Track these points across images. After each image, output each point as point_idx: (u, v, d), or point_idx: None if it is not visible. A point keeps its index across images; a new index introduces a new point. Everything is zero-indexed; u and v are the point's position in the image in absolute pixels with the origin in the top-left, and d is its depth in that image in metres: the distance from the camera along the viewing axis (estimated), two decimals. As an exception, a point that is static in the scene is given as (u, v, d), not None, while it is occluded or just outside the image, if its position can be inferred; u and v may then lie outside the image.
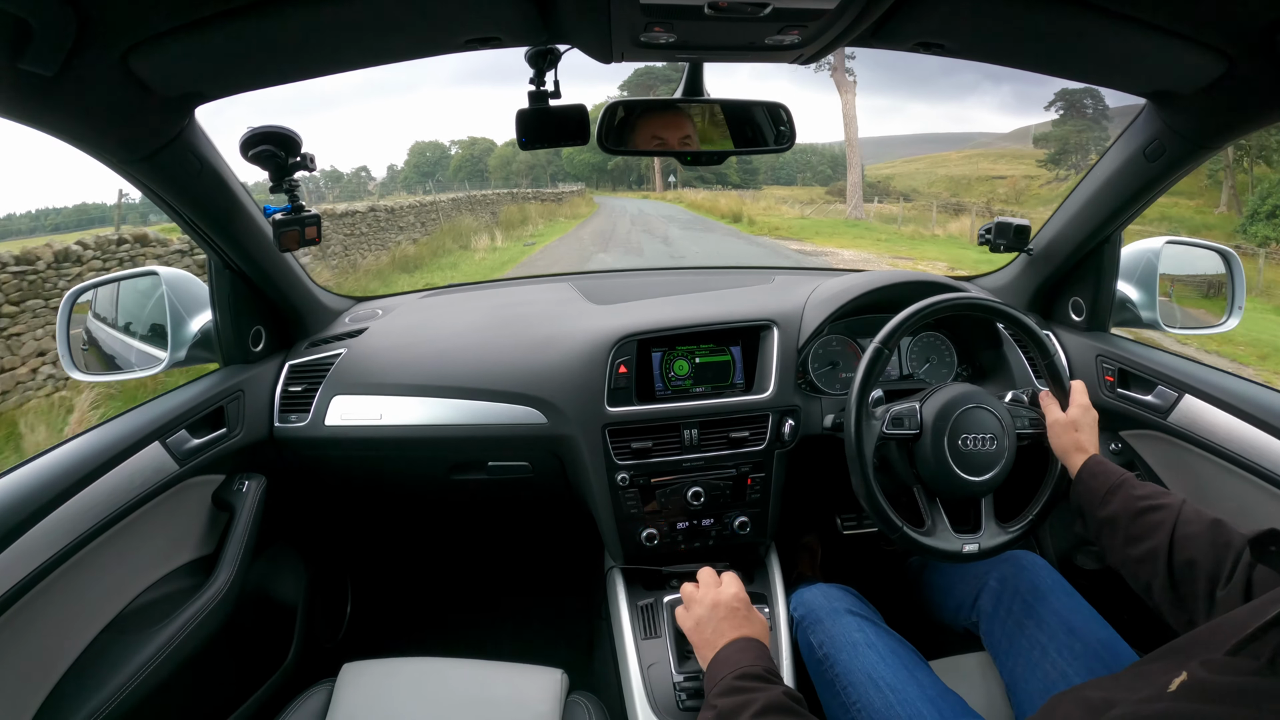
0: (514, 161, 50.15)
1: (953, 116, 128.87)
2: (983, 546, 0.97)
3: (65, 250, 4.96)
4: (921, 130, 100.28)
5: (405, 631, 1.70)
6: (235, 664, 1.19)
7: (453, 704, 0.94)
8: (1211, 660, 0.47)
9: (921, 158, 55.40)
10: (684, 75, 0.99)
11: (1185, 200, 20.09)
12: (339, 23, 0.73)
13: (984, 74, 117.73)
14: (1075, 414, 0.95)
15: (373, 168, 54.27)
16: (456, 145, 53.95)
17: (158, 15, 0.64)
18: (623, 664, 1.09)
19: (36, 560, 0.77)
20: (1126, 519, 0.80)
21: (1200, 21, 0.72)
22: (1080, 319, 1.29)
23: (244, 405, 1.17)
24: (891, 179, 43.61)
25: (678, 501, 1.16)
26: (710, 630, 0.83)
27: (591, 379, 1.16)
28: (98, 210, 18.33)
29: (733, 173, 42.80)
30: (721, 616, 0.84)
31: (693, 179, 39.37)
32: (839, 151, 46.07)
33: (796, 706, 0.67)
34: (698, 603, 0.88)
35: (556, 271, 1.84)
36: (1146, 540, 0.77)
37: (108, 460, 0.90)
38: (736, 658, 0.76)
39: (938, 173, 43.07)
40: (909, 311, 0.97)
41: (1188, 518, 0.76)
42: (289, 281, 1.25)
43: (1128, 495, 0.82)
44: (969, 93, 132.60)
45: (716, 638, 0.81)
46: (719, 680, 0.73)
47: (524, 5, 0.74)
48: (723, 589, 0.88)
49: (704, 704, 0.74)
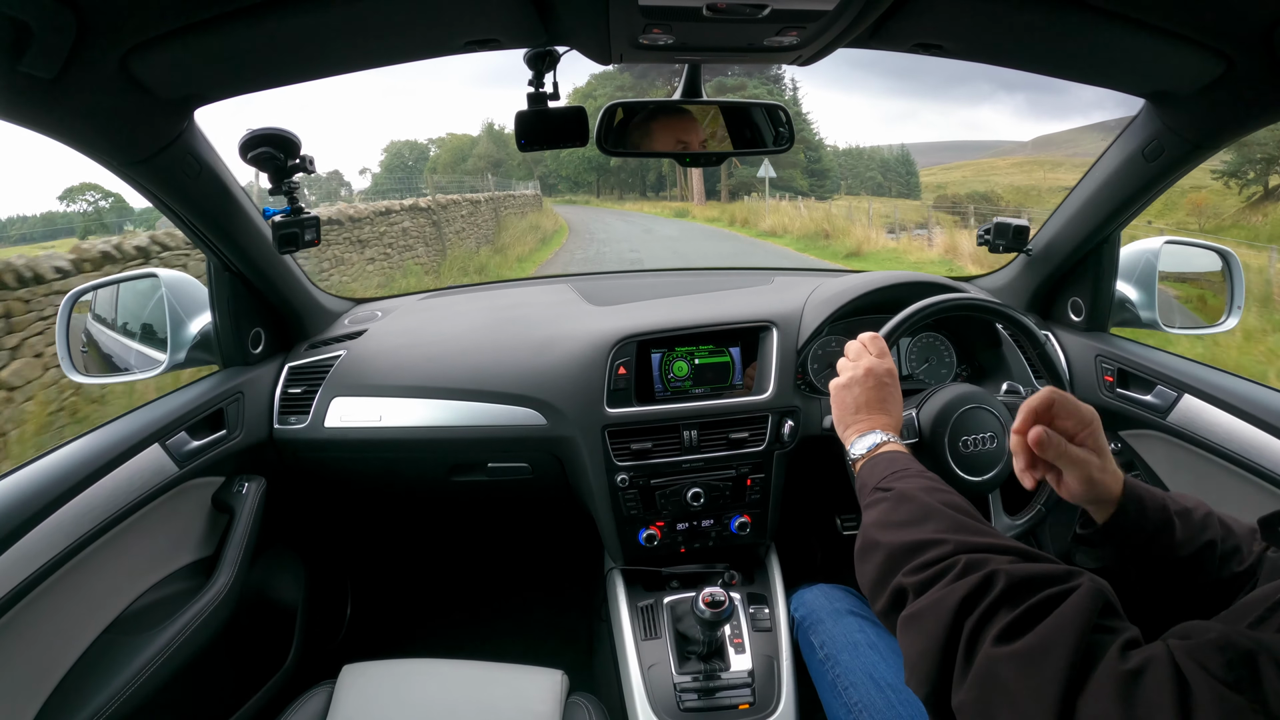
0: (470, 156, 40.11)
1: (967, 124, 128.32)
2: None
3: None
4: (938, 139, 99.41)
5: (405, 633, 1.70)
6: (235, 666, 1.19)
7: (453, 705, 0.94)
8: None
9: (961, 165, 52.31)
10: (683, 76, 0.99)
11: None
12: (338, 25, 0.73)
13: (999, 83, 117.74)
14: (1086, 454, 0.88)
15: (345, 171, 49.44)
16: (435, 145, 47.23)
17: (157, 18, 0.64)
18: (623, 665, 1.09)
19: (37, 562, 0.77)
20: (1181, 516, 0.69)
21: (1199, 22, 0.72)
22: (1079, 319, 1.29)
23: (244, 407, 1.17)
24: (945, 187, 39.34)
25: (678, 502, 1.16)
26: (854, 397, 0.81)
27: (591, 380, 1.16)
28: (64, 220, 18.06)
29: (798, 175, 34.79)
30: (870, 386, 0.81)
31: (755, 180, 28.23)
32: (887, 155, 42.22)
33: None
34: (854, 368, 0.85)
35: (556, 272, 1.84)
36: (1204, 533, 0.68)
37: (108, 462, 0.90)
38: (886, 467, 0.72)
39: (995, 181, 38.56)
40: (903, 316, 0.96)
41: (1221, 515, 0.70)
42: (288, 283, 1.25)
43: (1161, 499, 0.70)
44: (983, 101, 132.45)
45: (861, 406, 0.80)
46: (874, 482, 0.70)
47: (523, 7, 0.74)
48: (880, 360, 0.84)
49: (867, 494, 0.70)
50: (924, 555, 0.56)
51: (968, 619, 0.49)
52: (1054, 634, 0.45)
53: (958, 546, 0.55)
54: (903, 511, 0.62)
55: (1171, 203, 22.66)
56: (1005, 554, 0.54)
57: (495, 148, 39.88)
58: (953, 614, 0.50)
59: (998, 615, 0.48)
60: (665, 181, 38.83)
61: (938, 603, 0.52)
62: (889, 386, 0.82)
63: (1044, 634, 0.46)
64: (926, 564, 0.55)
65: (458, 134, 46.62)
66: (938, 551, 0.55)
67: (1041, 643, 0.45)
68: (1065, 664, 0.44)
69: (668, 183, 38.59)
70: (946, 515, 0.59)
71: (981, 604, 0.49)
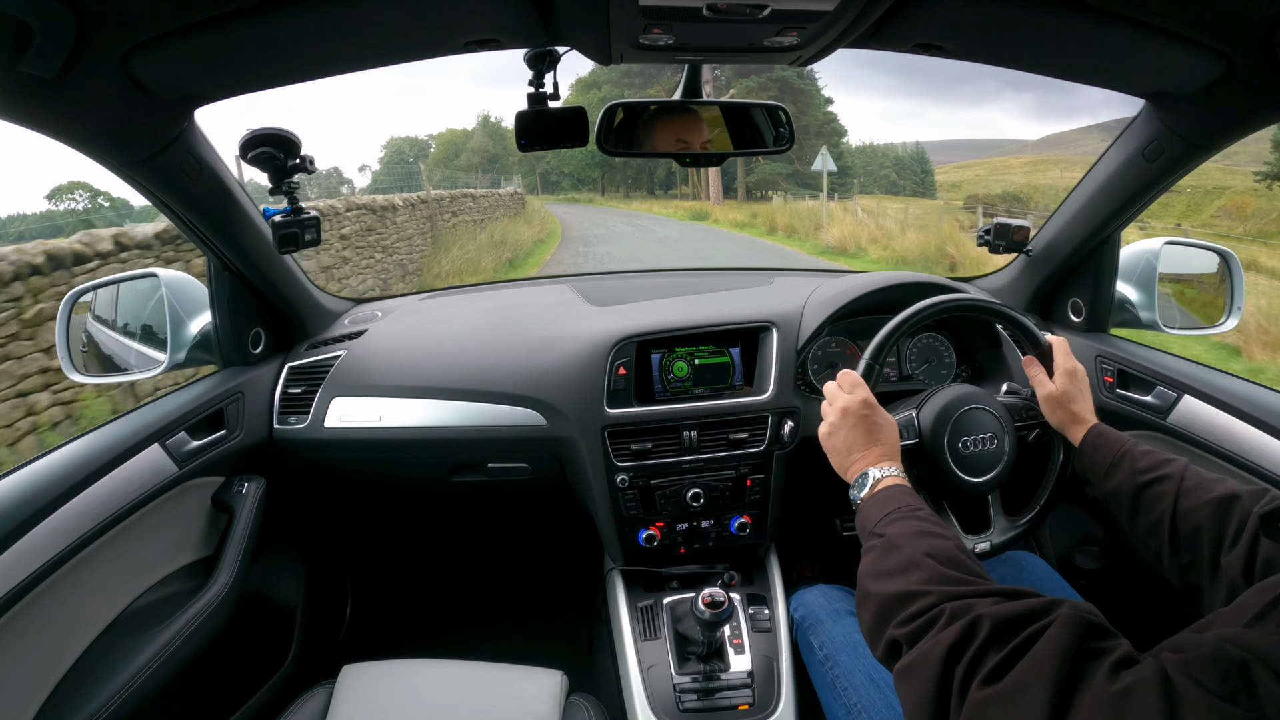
0: (464, 151, 37.51)
1: (973, 123, 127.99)
2: (995, 543, 0.97)
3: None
4: (944, 137, 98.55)
5: (405, 633, 1.70)
6: (235, 666, 1.18)
7: (452, 706, 0.94)
8: (1228, 632, 0.47)
9: (974, 163, 50.98)
10: (683, 76, 0.99)
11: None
12: (339, 25, 0.73)
13: (1005, 81, 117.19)
14: (1063, 384, 0.93)
15: (345, 169, 47.12)
16: (434, 140, 45.05)
17: (157, 17, 0.64)
18: (622, 665, 1.09)
19: (37, 562, 0.77)
20: (1130, 494, 0.80)
21: (1199, 22, 0.72)
22: (1079, 320, 1.29)
23: (243, 407, 1.17)
24: (960, 185, 37.75)
25: (677, 503, 1.16)
26: (842, 439, 0.83)
27: (591, 380, 1.16)
28: (64, 218, 17.81)
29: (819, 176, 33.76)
30: (852, 425, 0.83)
31: (778, 177, 27.77)
32: (902, 153, 40.39)
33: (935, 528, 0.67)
34: (832, 411, 0.86)
35: (556, 273, 1.84)
36: (1151, 513, 0.77)
37: (107, 462, 0.90)
38: (879, 509, 0.74)
39: (1010, 180, 36.47)
40: (897, 320, 0.95)
41: (1189, 488, 0.75)
42: (288, 283, 1.25)
43: (1130, 469, 0.81)
44: (988, 99, 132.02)
45: (849, 446, 0.82)
46: (874, 522, 0.72)
47: (523, 7, 0.74)
48: (852, 396, 0.85)
49: (867, 536, 0.72)
50: (910, 607, 0.58)
51: (956, 667, 0.51)
52: (1034, 668, 0.47)
53: (940, 597, 0.57)
54: (890, 561, 0.64)
55: (1196, 204, 21.49)
56: (988, 597, 0.55)
57: (491, 142, 37.99)
58: (941, 663, 0.51)
59: (985, 659, 0.50)
60: (675, 178, 35.08)
61: (926, 654, 0.53)
62: (870, 416, 0.83)
63: (1024, 670, 0.47)
64: (913, 615, 0.57)
65: (456, 129, 44.51)
66: (922, 603, 0.57)
67: (1022, 679, 0.46)
68: (1048, 696, 0.44)
69: (678, 179, 34.77)
70: (929, 565, 0.61)
71: (969, 651, 0.51)
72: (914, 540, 0.65)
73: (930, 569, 0.60)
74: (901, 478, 0.78)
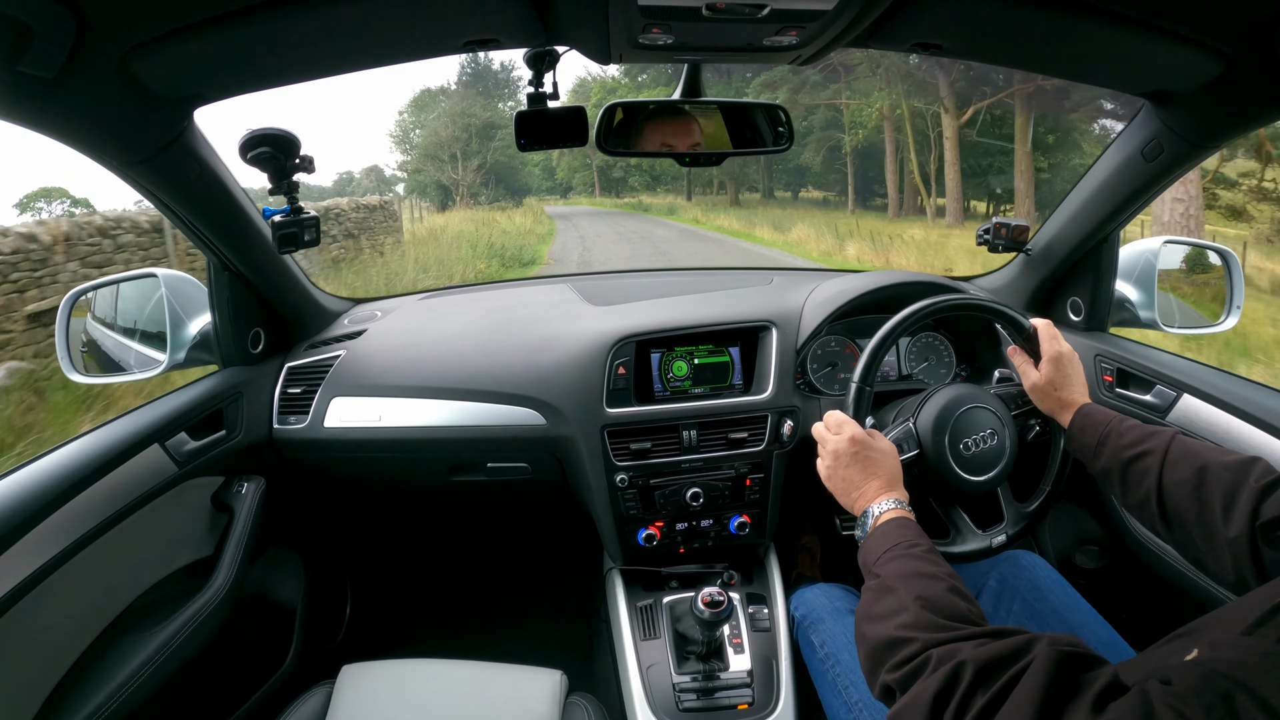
0: (441, 114, 29.06)
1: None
2: (1010, 534, 0.98)
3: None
4: None
5: (404, 633, 1.70)
6: (234, 666, 1.18)
7: (452, 705, 0.94)
8: (1223, 640, 0.48)
9: None
10: (683, 76, 0.99)
11: None
12: (338, 25, 0.73)
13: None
14: (1047, 372, 0.93)
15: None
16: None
17: (157, 17, 0.64)
18: (622, 665, 1.09)
19: (36, 562, 0.77)
20: (1118, 471, 0.81)
21: (1199, 21, 0.72)
22: (1079, 319, 1.29)
23: (243, 407, 1.17)
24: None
25: (677, 502, 1.16)
26: (840, 480, 0.84)
27: (590, 380, 1.16)
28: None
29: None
30: (846, 464, 0.84)
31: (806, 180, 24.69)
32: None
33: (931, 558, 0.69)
34: (825, 454, 0.88)
35: (555, 273, 1.85)
36: (1139, 489, 0.78)
37: (107, 462, 0.90)
38: (879, 545, 0.75)
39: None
40: (876, 342, 0.95)
41: (1174, 460, 0.76)
42: (288, 283, 1.25)
43: (1115, 446, 0.82)
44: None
45: (848, 486, 0.83)
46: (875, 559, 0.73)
47: (522, 7, 0.74)
48: (840, 437, 0.86)
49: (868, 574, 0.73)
50: (899, 653, 0.59)
51: (945, 712, 0.52)
52: (1015, 712, 0.47)
53: (925, 644, 0.58)
54: (883, 605, 0.66)
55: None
56: (971, 640, 0.56)
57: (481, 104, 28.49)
58: (929, 710, 0.53)
59: (972, 702, 0.51)
60: (660, 178, 30.43)
61: (915, 700, 0.54)
62: (860, 452, 0.84)
63: (1007, 714, 0.48)
64: (902, 662, 0.59)
65: (431, 88, 32.97)
66: (909, 650, 0.59)
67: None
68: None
69: (672, 178, 30.14)
70: (916, 610, 0.62)
71: (954, 697, 0.52)
72: (907, 582, 0.66)
73: (917, 614, 0.62)
74: (901, 509, 0.78)
